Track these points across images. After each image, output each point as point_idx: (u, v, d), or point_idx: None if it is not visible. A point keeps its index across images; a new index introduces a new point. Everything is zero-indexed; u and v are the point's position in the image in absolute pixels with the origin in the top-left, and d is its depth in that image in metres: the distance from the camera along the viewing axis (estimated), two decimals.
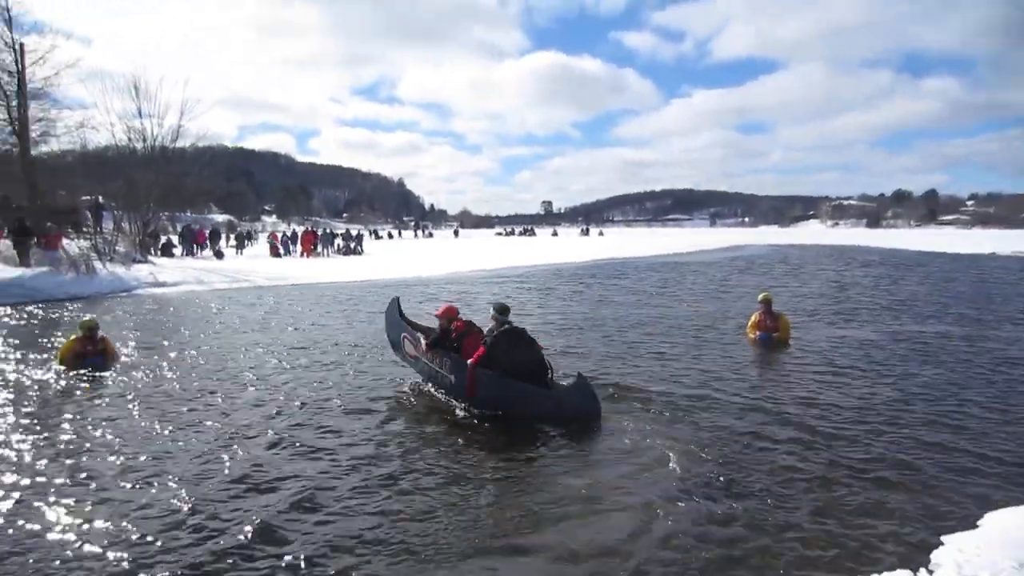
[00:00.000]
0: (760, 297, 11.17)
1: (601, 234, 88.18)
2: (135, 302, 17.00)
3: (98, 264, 20.32)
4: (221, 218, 73.07)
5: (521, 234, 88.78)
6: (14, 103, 23.15)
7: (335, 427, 6.48)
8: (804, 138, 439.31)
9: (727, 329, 12.13)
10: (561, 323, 13.03)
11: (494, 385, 6.94)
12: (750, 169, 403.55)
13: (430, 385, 7.80)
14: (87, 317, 9.72)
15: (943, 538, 4.05)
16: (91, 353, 9.03)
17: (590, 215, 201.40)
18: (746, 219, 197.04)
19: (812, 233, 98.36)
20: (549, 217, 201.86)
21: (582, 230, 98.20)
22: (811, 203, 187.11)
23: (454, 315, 7.63)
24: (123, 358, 9.58)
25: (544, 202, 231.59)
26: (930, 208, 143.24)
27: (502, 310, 7.34)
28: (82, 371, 8.69)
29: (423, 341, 7.71)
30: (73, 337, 9.23)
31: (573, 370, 8.61)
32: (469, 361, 7.00)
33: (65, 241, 22.81)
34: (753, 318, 11.11)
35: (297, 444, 5.97)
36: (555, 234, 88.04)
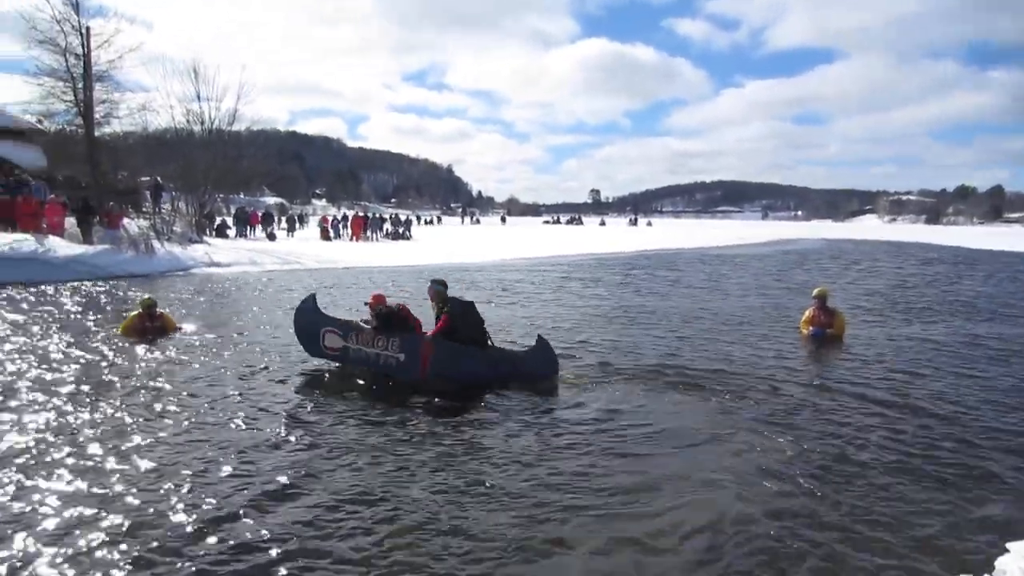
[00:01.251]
0: (815, 292, 10.88)
1: (649, 224, 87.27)
2: (191, 281, 17.48)
3: (156, 243, 20.88)
4: (273, 201, 74.58)
5: (568, 223, 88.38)
6: (80, 85, 23.93)
7: (373, 409, 6.58)
8: (861, 130, 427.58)
9: (779, 324, 11.88)
10: (608, 314, 12.92)
11: (453, 354, 7.50)
12: (804, 161, 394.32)
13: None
14: (146, 296, 10.27)
15: (1008, 544, 3.90)
16: (149, 329, 9.66)
17: (638, 205, 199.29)
18: (799, 212, 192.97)
19: (868, 228, 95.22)
20: (597, 206, 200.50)
21: (630, 220, 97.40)
22: (867, 197, 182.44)
23: (384, 301, 7.96)
24: (179, 334, 9.97)
25: (592, 191, 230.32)
26: (995, 205, 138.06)
27: (444, 284, 8.17)
28: (141, 344, 9.13)
29: (364, 327, 7.79)
30: (134, 314, 9.88)
31: (618, 361, 8.59)
32: (429, 333, 7.66)
33: (126, 220, 23.47)
34: (807, 313, 10.83)
35: (326, 421, 6.09)
36: (603, 224, 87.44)
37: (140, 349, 8.91)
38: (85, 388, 7.03)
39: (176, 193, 31.22)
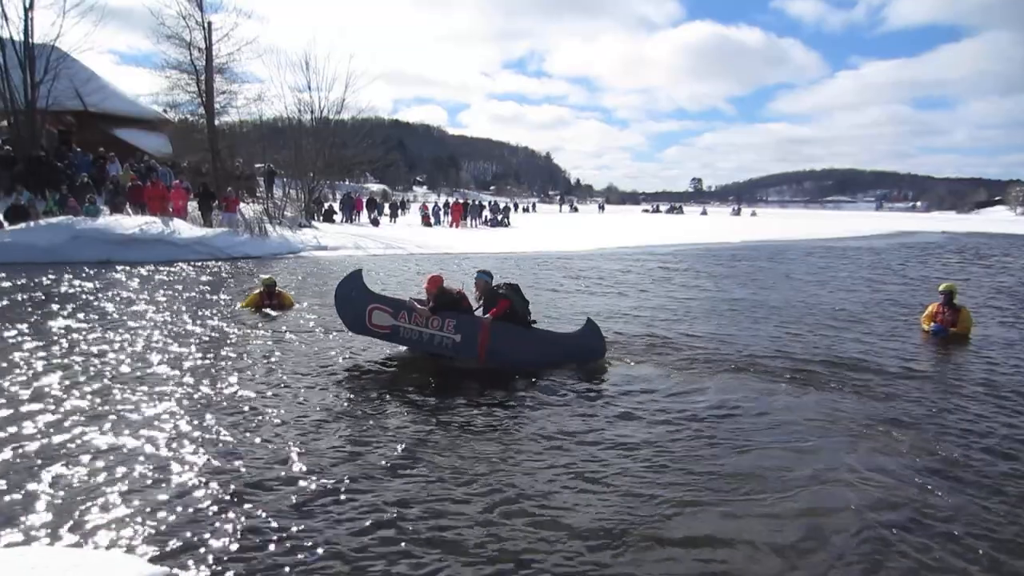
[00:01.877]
0: (941, 287, 10.18)
1: (754, 214, 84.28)
2: (301, 263, 18.29)
3: (269, 227, 21.95)
4: (376, 187, 76.73)
5: (668, 212, 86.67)
6: (202, 77, 25.41)
7: (469, 392, 6.68)
8: (991, 115, 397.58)
9: (897, 321, 11.23)
10: (714, 306, 12.59)
11: (510, 336, 7.66)
12: (925, 148, 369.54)
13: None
14: (266, 276, 11.25)
15: None
16: (268, 305, 10.57)
17: (742, 194, 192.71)
18: (917, 203, 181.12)
19: (997, 221, 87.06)
20: (698, 195, 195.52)
21: (733, 210, 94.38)
22: (998, 187, 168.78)
23: (441, 283, 7.81)
24: (294, 311, 10.67)
25: (693, 179, 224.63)
26: None
27: (490, 275, 8.09)
28: (258, 319, 10.03)
29: (418, 306, 7.65)
30: (256, 291, 10.84)
31: (724, 353, 8.37)
32: (487, 315, 7.62)
33: (241, 205, 24.75)
34: (929, 309, 10.19)
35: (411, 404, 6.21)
36: (704, 213, 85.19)
37: (257, 323, 9.67)
38: (202, 356, 7.60)
39: (287, 179, 32.54)
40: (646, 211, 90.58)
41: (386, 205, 44.43)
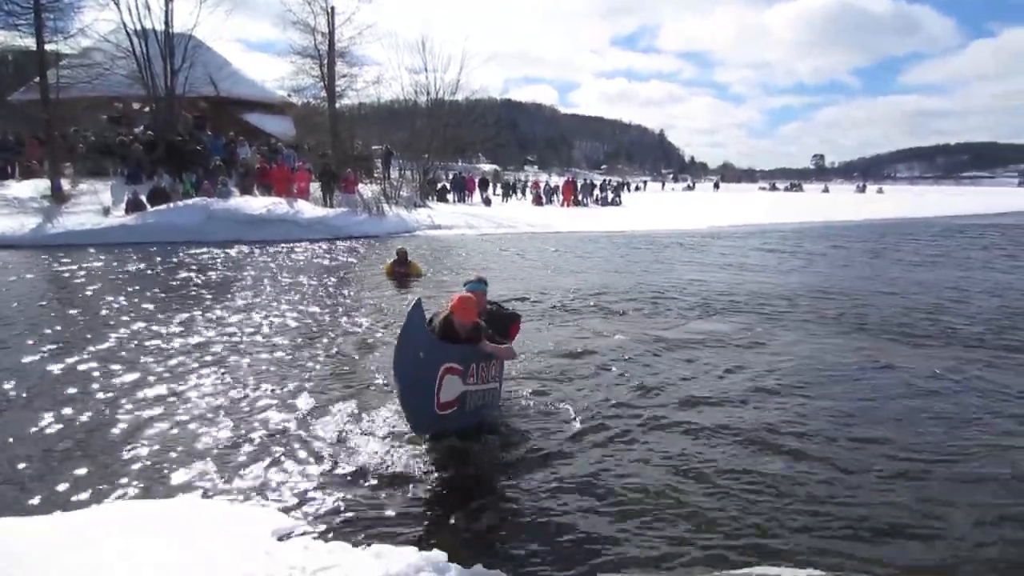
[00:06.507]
0: None
1: (880, 191, 78.79)
2: (416, 242, 18.67)
3: (386, 207, 22.58)
4: (488, 167, 77.22)
5: (787, 190, 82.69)
6: (324, 61, 26.35)
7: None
8: None
9: None
10: (821, 292, 11.82)
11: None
12: None
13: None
14: (400, 246, 12.57)
15: None
16: (399, 273, 11.93)
17: (867, 171, 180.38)
18: None
19: None
20: (820, 172, 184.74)
21: (857, 187, 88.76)
22: None
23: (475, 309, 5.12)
24: (421, 279, 11.81)
25: (815, 156, 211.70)
26: None
27: (485, 281, 5.78)
28: (391, 285, 11.45)
29: (491, 345, 4.93)
30: (392, 260, 12.19)
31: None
32: (506, 343, 5.35)
33: (360, 186, 25.58)
34: None
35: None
36: (826, 191, 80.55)
37: (390, 286, 11.26)
38: (326, 324, 7.83)
39: (403, 160, 33.27)
40: (763, 189, 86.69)
41: (498, 184, 44.70)
